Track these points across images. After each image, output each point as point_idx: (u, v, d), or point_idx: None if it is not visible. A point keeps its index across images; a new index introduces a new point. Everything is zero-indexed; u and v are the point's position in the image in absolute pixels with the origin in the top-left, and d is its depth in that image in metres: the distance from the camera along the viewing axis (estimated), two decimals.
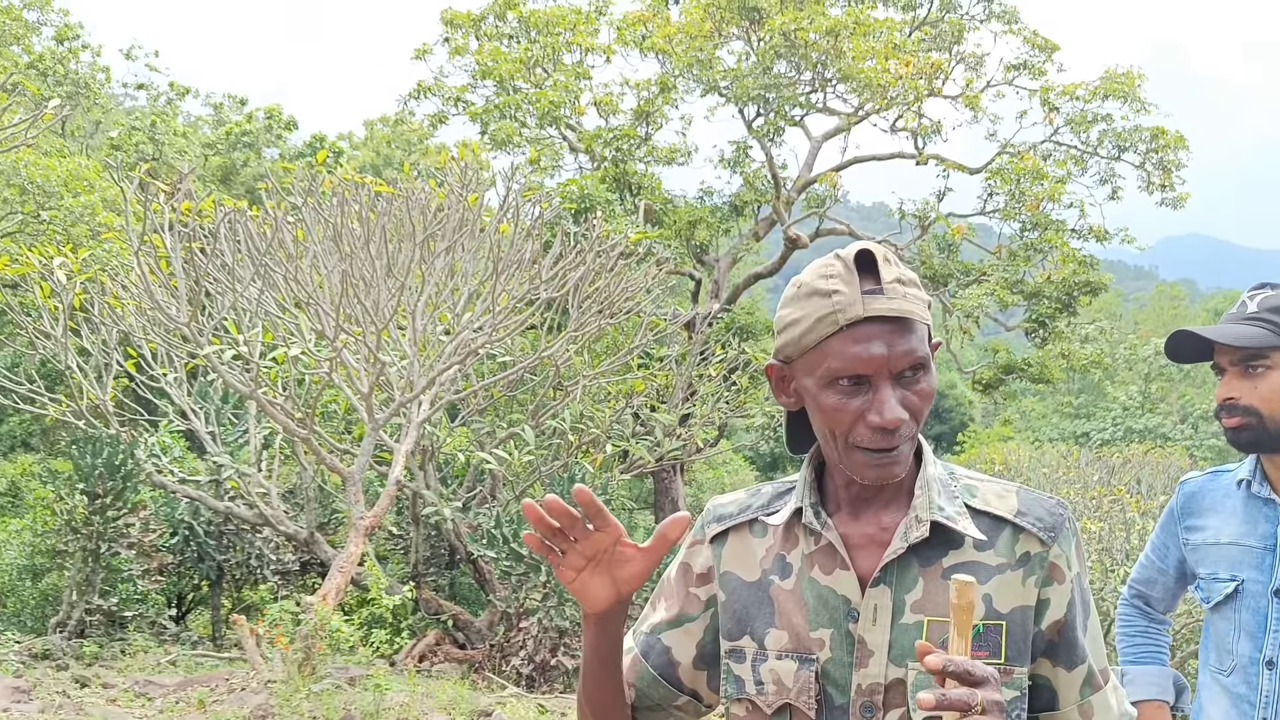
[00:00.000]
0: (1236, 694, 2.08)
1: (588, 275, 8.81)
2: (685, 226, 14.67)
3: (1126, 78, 15.73)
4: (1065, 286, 14.36)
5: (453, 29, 15.13)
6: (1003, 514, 1.40)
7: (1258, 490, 2.08)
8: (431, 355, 8.39)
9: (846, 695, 1.37)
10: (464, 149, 10.87)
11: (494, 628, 9.71)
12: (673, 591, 1.53)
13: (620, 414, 10.40)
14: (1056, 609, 1.40)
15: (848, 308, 1.29)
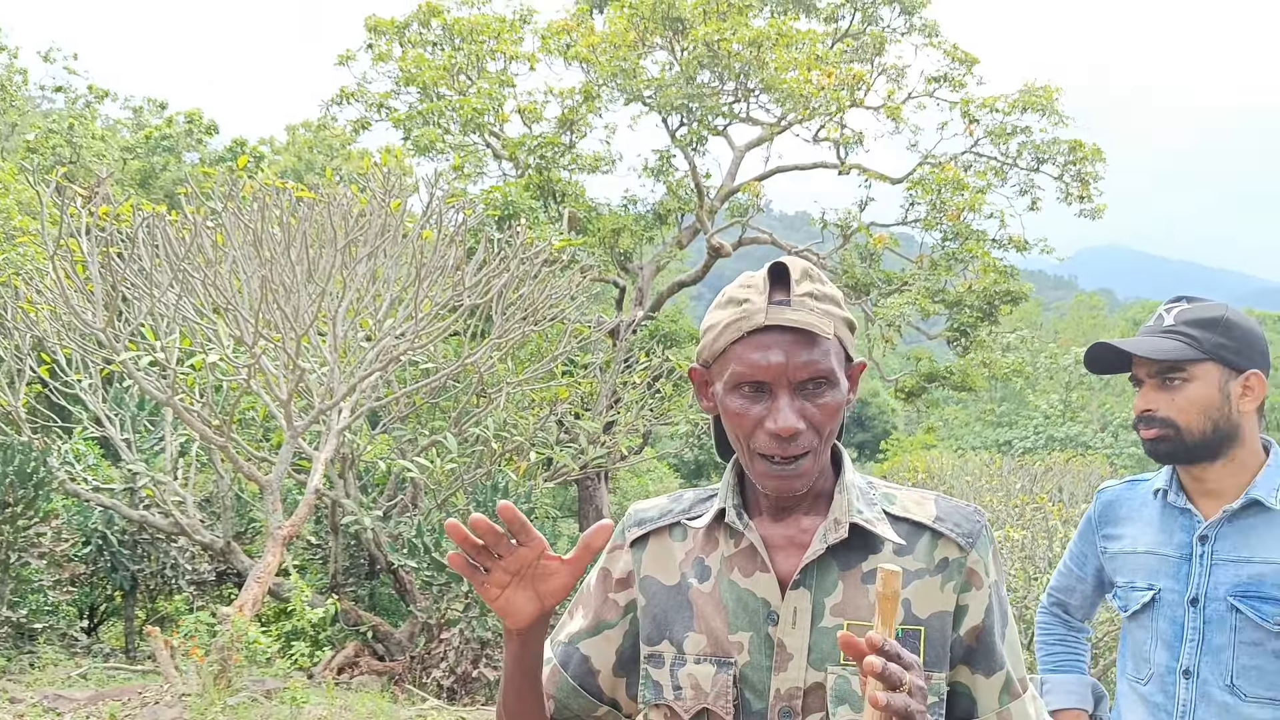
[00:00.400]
0: (1154, 703, 2.09)
1: (512, 282, 8.91)
2: (609, 234, 14.80)
3: (1045, 91, 16.14)
4: (986, 296, 14.68)
5: (376, 35, 15.12)
6: (921, 520, 1.42)
7: (1174, 500, 2.11)
8: (352, 362, 8.41)
9: (765, 700, 1.38)
10: (386, 155, 10.88)
11: (415, 639, 9.71)
12: (591, 599, 1.54)
13: (544, 421, 10.49)
14: (975, 615, 1.41)
15: (752, 315, 1.34)
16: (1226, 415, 2.00)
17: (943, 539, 1.41)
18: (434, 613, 9.42)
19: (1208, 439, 2.01)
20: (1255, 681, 1.96)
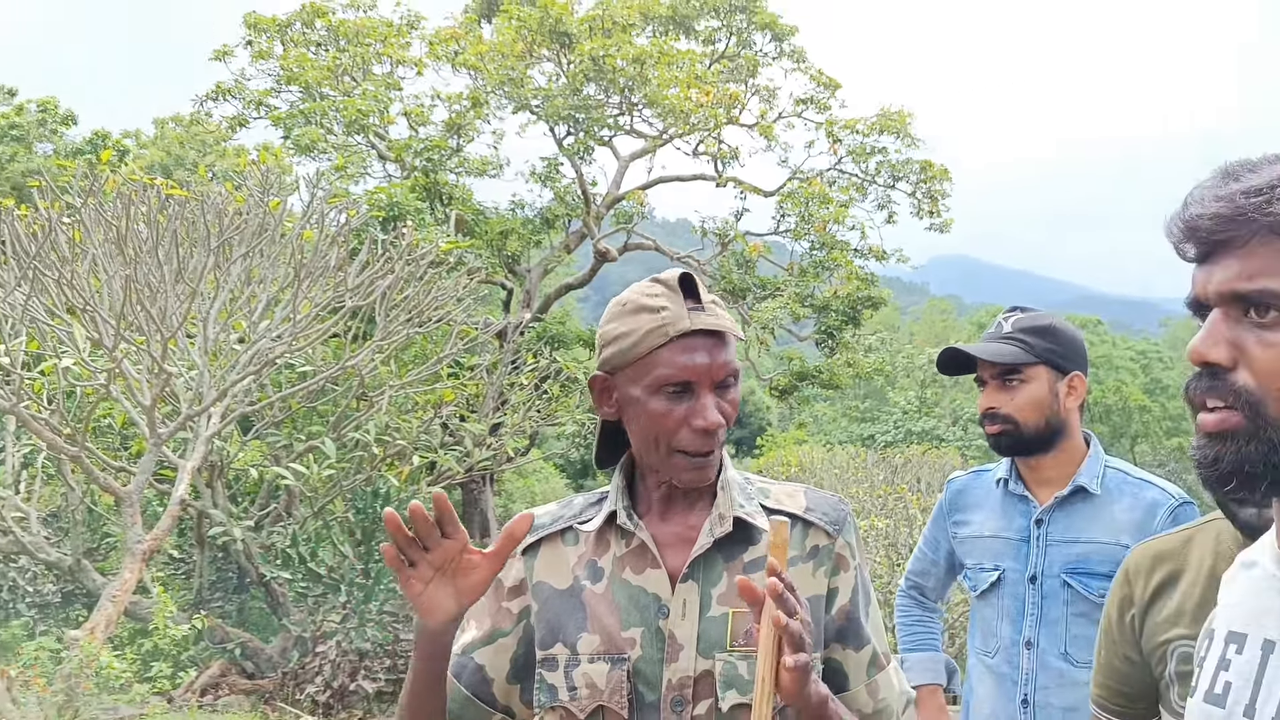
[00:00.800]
0: (1000, 674, 2.20)
1: (396, 283, 8.19)
2: (497, 237, 14.20)
3: (899, 115, 16.41)
4: (850, 301, 14.86)
5: (256, 32, 14.11)
6: (794, 511, 1.45)
7: (1013, 488, 2.24)
8: (224, 365, 7.57)
9: (657, 692, 1.37)
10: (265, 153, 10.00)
11: (287, 654, 8.85)
12: (483, 609, 1.48)
13: (429, 424, 9.77)
14: (844, 595, 1.45)
15: (676, 321, 1.35)
16: (1056, 412, 2.15)
17: (813, 528, 1.45)
18: (309, 625, 8.61)
19: (1041, 433, 2.15)
20: (1085, 649, 2.01)
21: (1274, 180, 0.89)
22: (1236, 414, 0.90)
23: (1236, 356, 0.90)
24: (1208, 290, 0.93)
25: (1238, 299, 0.90)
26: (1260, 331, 0.89)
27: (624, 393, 1.39)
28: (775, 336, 15.24)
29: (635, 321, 1.36)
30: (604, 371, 1.42)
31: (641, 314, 1.36)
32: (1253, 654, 0.98)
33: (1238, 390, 0.90)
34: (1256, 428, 0.89)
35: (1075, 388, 2.18)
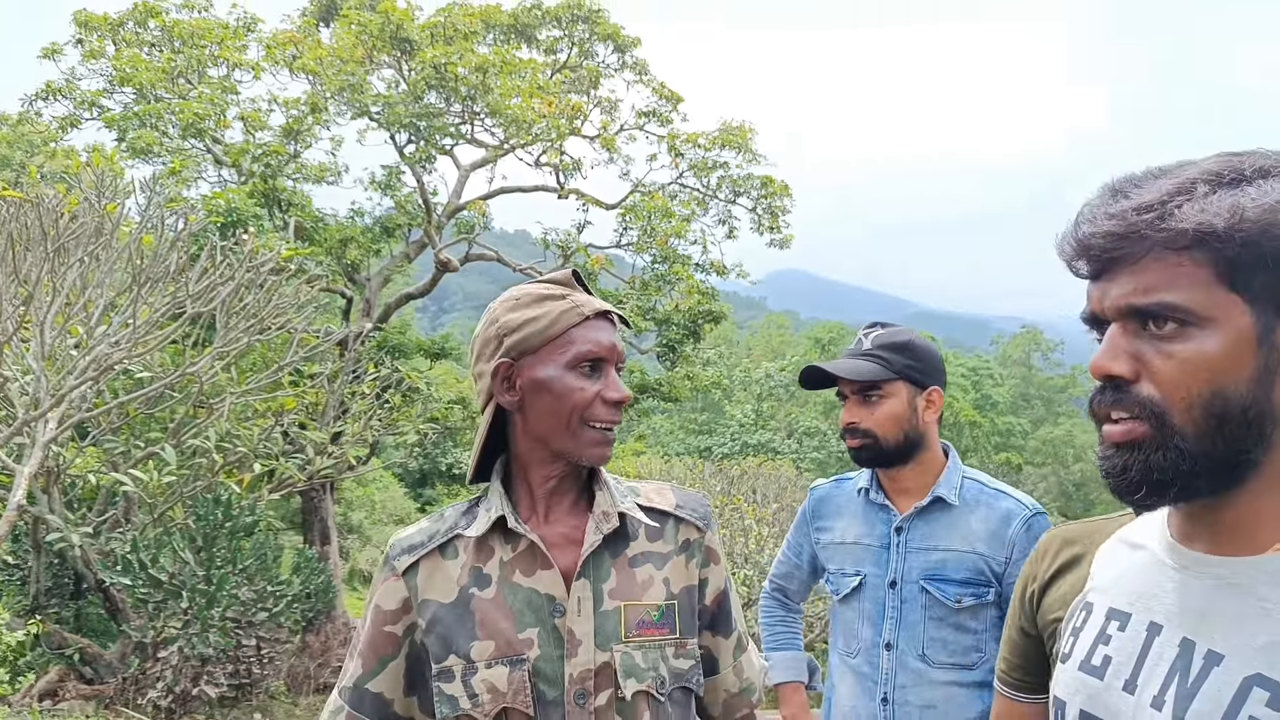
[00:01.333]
0: (861, 673, 2.30)
1: (237, 290, 8.46)
2: (336, 245, 14.32)
3: (739, 131, 17.02)
4: (691, 315, 15.36)
5: (87, 31, 13.80)
6: (665, 508, 1.59)
7: (874, 497, 2.34)
8: (61, 370, 7.69)
9: (559, 688, 1.44)
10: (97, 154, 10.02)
11: (127, 659, 8.97)
12: (369, 640, 1.52)
13: (270, 432, 10.00)
14: (715, 585, 1.61)
15: (586, 304, 1.51)
16: (914, 425, 2.26)
17: (684, 523, 1.59)
18: (148, 631, 8.75)
19: (900, 446, 2.26)
20: (939, 650, 2.22)
21: (1164, 196, 0.93)
22: (1142, 424, 0.95)
23: (1139, 369, 0.95)
24: (1104, 305, 0.97)
25: (1136, 313, 0.95)
26: (1160, 343, 0.94)
27: (532, 376, 1.47)
28: None
29: (543, 307, 1.49)
30: (509, 358, 1.49)
31: (548, 301, 1.49)
32: (1136, 633, 1.04)
33: (1142, 401, 0.95)
34: (1163, 437, 0.94)
35: (933, 402, 2.28)
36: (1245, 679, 0.92)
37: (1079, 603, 1.19)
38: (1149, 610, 1.04)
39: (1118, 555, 1.16)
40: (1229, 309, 0.92)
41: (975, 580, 2.20)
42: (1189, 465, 0.94)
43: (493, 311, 1.54)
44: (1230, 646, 0.95)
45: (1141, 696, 1.00)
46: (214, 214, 10.84)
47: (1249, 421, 0.92)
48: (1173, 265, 0.92)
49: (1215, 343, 0.92)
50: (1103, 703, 1.05)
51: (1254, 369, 0.92)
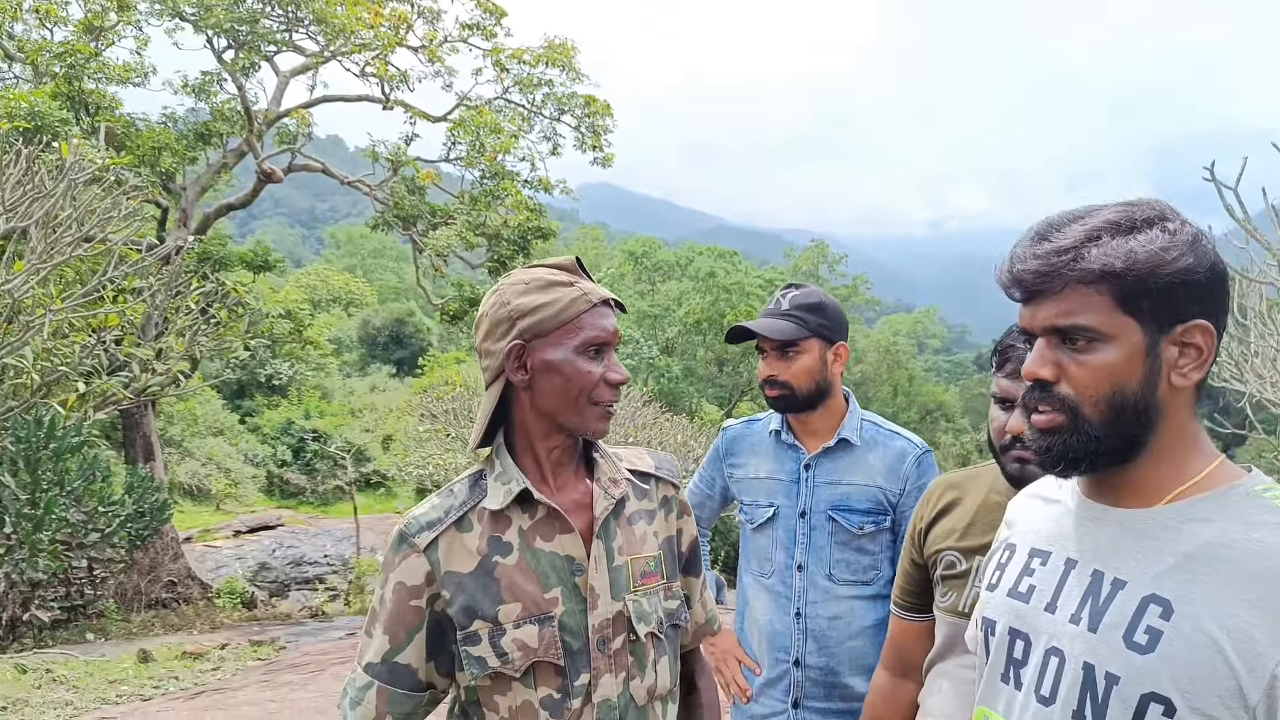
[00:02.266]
0: (776, 592, 2.50)
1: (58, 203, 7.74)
2: (150, 152, 13.27)
3: (563, 48, 16.65)
4: (521, 231, 15.17)
5: None
6: (647, 470, 1.71)
7: (785, 438, 2.52)
8: None
9: (582, 637, 1.54)
10: None
11: None
12: (396, 615, 1.54)
13: (92, 350, 9.30)
14: (689, 534, 1.76)
15: (593, 292, 1.55)
16: (825, 377, 2.44)
17: (662, 482, 1.72)
18: None
19: (812, 395, 2.44)
20: (844, 570, 2.44)
21: (1076, 242, 1.16)
22: (1061, 415, 1.19)
23: (1059, 373, 1.19)
24: (1034, 324, 1.21)
25: (1057, 331, 1.18)
26: (1075, 354, 1.18)
27: (542, 357, 1.52)
28: (448, 264, 15.42)
29: (554, 293, 1.52)
30: (521, 340, 1.53)
31: (557, 288, 1.53)
32: (1055, 567, 1.26)
33: (1061, 398, 1.19)
34: (1076, 425, 1.18)
35: (840, 355, 2.47)
36: (1143, 598, 1.15)
37: (1002, 544, 1.41)
38: (1065, 549, 1.27)
39: (1034, 508, 1.39)
40: (1126, 328, 1.16)
41: (875, 510, 2.43)
42: (1095, 446, 1.18)
43: (502, 293, 1.56)
44: (1131, 574, 1.18)
45: (1060, 614, 1.22)
46: (14, 117, 9.80)
47: (1139, 412, 1.18)
48: (1085, 295, 1.16)
49: (1116, 354, 1.16)
50: (1028, 620, 1.27)
51: (1144, 373, 1.17)
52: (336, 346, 33.83)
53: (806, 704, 2.46)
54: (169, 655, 8.11)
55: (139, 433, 12.78)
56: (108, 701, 6.54)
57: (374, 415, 32.64)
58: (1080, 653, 1.18)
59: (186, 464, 24.82)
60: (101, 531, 8.94)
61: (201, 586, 12.57)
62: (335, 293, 44.58)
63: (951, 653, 1.91)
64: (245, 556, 18.83)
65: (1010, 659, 1.29)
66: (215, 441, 26.92)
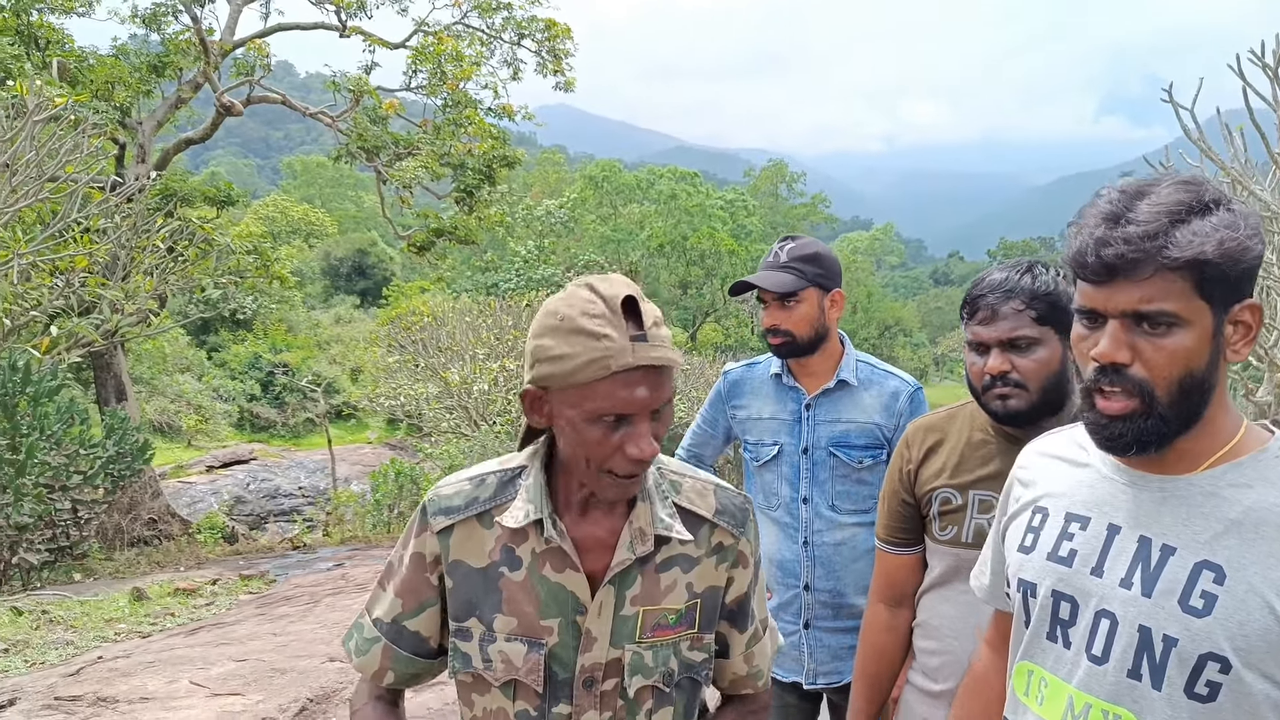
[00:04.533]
0: (783, 524, 2.63)
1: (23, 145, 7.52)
2: (103, 86, 12.84)
3: None
4: (486, 159, 14.97)
5: None
6: (704, 514, 1.51)
7: (786, 381, 2.63)
8: None
9: (570, 672, 1.45)
10: None
11: None
12: (410, 582, 1.50)
13: (62, 292, 9.14)
14: (739, 586, 1.56)
15: (618, 355, 1.28)
16: (823, 323, 2.56)
17: (719, 529, 1.52)
18: None
19: (811, 341, 2.55)
20: (845, 500, 2.59)
21: (1164, 224, 1.16)
22: (1135, 400, 1.20)
23: (1134, 356, 1.19)
24: (1109, 306, 1.20)
25: (1137, 315, 1.18)
26: (1152, 338, 1.18)
27: (557, 409, 1.36)
28: (414, 195, 15.21)
29: (574, 344, 1.29)
30: (536, 386, 1.36)
31: (580, 337, 1.29)
32: (1097, 532, 1.29)
33: (1136, 380, 1.19)
34: (1150, 408, 1.19)
35: (836, 302, 2.56)
36: (1195, 564, 1.20)
37: (1027, 505, 1.43)
38: (1105, 515, 1.30)
39: (1058, 470, 1.41)
40: (1201, 313, 1.18)
41: (872, 445, 2.57)
42: (1165, 428, 1.21)
43: (539, 319, 1.36)
44: (1180, 541, 1.22)
45: (1109, 578, 1.26)
46: None
47: (1204, 391, 1.21)
48: (1169, 281, 1.16)
49: (1191, 338, 1.18)
50: (1072, 584, 1.30)
51: (1210, 354, 1.20)
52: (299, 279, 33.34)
53: (816, 624, 2.61)
54: (161, 593, 8.16)
55: (110, 373, 12.63)
56: (107, 640, 6.60)
57: (341, 347, 32.43)
58: (1135, 616, 1.22)
59: (155, 401, 24.59)
60: (84, 474, 8.91)
61: (182, 523, 12.58)
62: (295, 224, 43.81)
63: (954, 580, 2.01)
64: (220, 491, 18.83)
65: (1056, 619, 1.33)
66: (184, 378, 26.66)
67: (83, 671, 5.37)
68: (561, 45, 17.04)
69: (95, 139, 9.80)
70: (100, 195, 9.44)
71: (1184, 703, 1.19)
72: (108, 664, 5.56)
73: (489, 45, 16.79)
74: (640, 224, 40.46)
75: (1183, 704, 1.19)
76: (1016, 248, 72.00)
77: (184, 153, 15.71)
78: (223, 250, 12.54)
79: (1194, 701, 1.18)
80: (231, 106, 13.64)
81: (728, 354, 23.06)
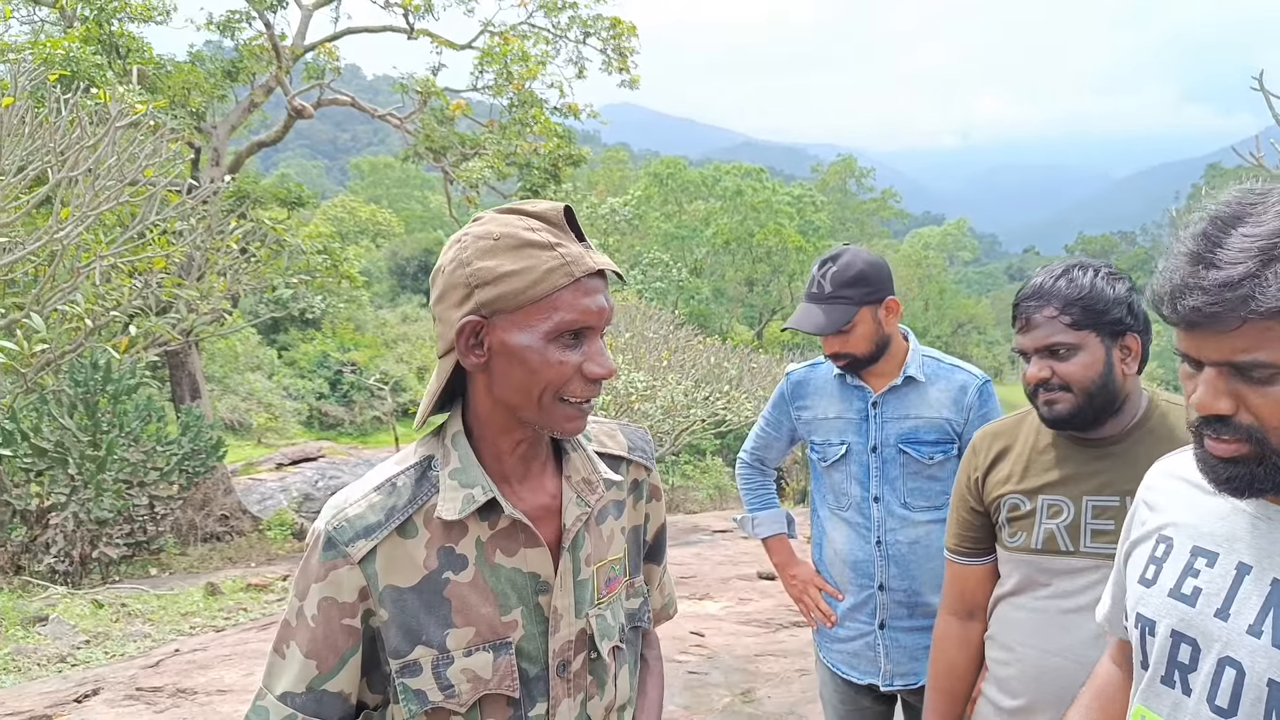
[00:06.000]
0: (854, 523, 2.61)
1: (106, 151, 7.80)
2: (180, 92, 13.26)
3: None
4: (551, 159, 15.11)
5: None
6: (619, 453, 1.45)
7: (851, 381, 2.62)
8: None
9: (541, 663, 1.32)
10: None
11: (6, 527, 8.61)
12: (323, 636, 1.26)
13: (140, 292, 9.46)
14: (656, 520, 1.53)
15: (579, 260, 1.21)
16: (881, 334, 2.53)
17: (634, 464, 1.47)
18: (30, 498, 8.40)
19: (873, 354, 2.54)
20: (918, 497, 2.56)
21: (1250, 270, 1.04)
22: (1245, 445, 1.11)
23: (1237, 405, 1.11)
24: (1201, 354, 1.12)
25: (1233, 365, 1.09)
26: (1257, 387, 1.09)
27: (503, 339, 1.22)
28: (480, 195, 15.42)
29: (526, 259, 1.20)
30: (479, 315, 1.22)
31: (531, 249, 1.20)
32: (1226, 571, 1.19)
33: (1245, 429, 1.11)
34: (1263, 454, 1.11)
35: (892, 309, 2.53)
36: None
37: (1151, 534, 1.34)
38: (1235, 552, 1.20)
39: (1189, 496, 1.31)
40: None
41: (942, 440, 2.54)
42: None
43: (463, 247, 1.23)
44: None
45: (1236, 623, 1.16)
46: (52, 64, 9.81)
47: None
48: (1262, 329, 1.06)
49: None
50: (1195, 625, 1.21)
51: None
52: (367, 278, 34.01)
53: (892, 624, 2.59)
54: (234, 588, 8.41)
55: (185, 371, 13.04)
56: (183, 633, 6.83)
57: (407, 346, 33.00)
58: (1264, 669, 1.13)
59: (227, 399, 25.29)
60: (160, 470, 9.21)
61: (252, 519, 12.93)
62: (363, 224, 44.71)
63: (1026, 589, 1.98)
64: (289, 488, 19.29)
65: (1174, 663, 1.23)
66: (254, 376, 27.38)
67: (161, 663, 5.56)
68: (626, 43, 17.15)
69: (173, 143, 10.12)
70: (177, 198, 9.75)
71: None
72: (185, 657, 5.75)
73: (554, 44, 16.96)
74: (705, 221, 40.42)
75: None
76: (1095, 242, 70.32)
77: (255, 155, 16.15)
78: (293, 250, 12.87)
79: None
80: (302, 109, 13.98)
81: (795, 353, 22.93)
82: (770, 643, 5.73)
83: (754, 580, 7.47)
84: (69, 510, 8.19)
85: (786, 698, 4.72)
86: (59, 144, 7.62)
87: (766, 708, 4.63)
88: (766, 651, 5.52)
